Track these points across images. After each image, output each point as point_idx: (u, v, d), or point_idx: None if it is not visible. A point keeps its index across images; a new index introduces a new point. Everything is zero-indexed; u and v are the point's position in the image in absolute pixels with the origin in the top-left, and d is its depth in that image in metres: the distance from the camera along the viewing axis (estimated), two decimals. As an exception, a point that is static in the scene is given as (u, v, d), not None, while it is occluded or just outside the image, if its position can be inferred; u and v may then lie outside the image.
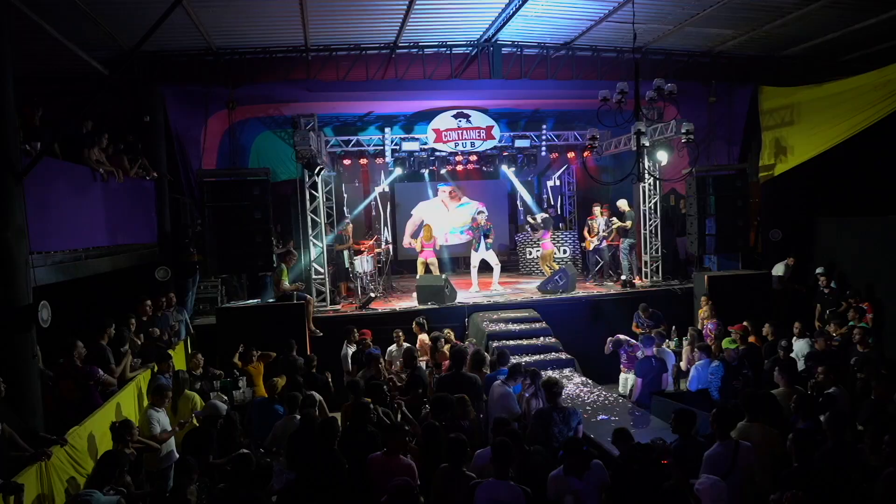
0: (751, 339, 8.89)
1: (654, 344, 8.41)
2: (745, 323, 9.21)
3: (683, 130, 8.15)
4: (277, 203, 13.51)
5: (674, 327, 10.09)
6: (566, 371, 9.49)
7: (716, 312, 10.12)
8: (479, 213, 13.52)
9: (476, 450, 5.30)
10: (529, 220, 14.67)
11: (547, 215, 14.53)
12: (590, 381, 8.89)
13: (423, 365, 9.55)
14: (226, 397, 8.21)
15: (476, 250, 13.15)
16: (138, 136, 10.14)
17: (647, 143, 7.93)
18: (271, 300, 10.63)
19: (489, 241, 13.00)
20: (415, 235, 15.47)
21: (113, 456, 5.18)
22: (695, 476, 4.67)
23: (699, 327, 10.31)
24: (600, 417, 7.31)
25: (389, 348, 9.76)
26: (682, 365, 9.00)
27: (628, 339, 9.22)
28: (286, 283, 10.30)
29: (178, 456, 6.21)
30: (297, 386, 7.51)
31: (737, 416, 5.10)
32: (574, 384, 8.74)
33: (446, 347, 9.00)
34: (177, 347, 9.24)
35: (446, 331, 9.74)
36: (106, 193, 8.55)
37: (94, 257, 7.93)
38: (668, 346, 9.17)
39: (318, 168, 10.89)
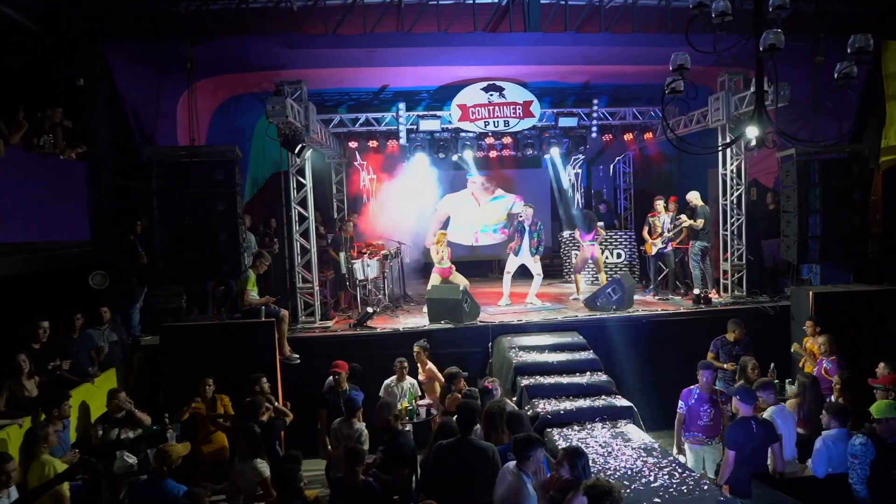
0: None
1: (757, 400, 5.63)
2: (883, 367, 6.37)
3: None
4: (276, 196, 11.41)
5: (773, 365, 7.25)
6: (621, 425, 6.84)
7: (835, 346, 7.21)
8: (526, 206, 10.80)
9: None
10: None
11: (589, 211, 11.95)
12: (656, 446, 6.19)
13: (423, 412, 7.14)
14: (133, 459, 5.89)
15: (516, 254, 10.54)
16: (68, 104, 7.91)
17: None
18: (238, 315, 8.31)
19: (535, 245, 10.47)
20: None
21: None
22: None
23: (801, 364, 7.57)
24: (677, 522, 4.65)
25: (387, 381, 7.42)
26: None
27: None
28: (253, 295, 7.94)
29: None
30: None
31: None
32: (633, 450, 6.08)
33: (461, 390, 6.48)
34: (97, 380, 6.99)
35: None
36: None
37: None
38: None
39: (300, 147, 8.50)
